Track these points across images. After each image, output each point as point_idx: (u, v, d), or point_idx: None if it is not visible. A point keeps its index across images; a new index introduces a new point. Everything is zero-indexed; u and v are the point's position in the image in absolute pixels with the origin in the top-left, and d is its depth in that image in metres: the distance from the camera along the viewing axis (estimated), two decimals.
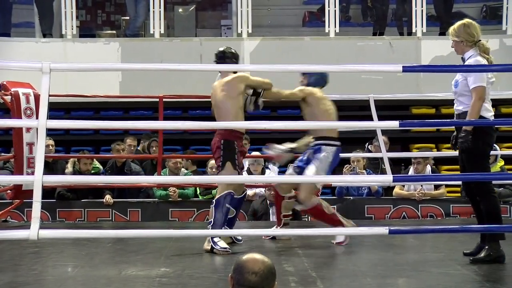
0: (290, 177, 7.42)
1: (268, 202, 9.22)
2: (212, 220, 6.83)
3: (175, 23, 14.51)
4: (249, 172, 9.58)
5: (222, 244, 6.76)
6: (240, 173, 7.02)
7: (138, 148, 10.77)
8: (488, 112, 6.26)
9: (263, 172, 9.71)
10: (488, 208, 6.21)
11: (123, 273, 5.92)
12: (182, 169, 9.78)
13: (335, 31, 13.29)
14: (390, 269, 6.08)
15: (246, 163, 9.92)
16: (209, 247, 6.78)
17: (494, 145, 9.65)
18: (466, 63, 6.25)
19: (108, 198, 9.50)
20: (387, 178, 6.05)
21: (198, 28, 14.63)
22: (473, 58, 6.24)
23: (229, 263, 5.99)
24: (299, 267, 6.13)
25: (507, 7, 13.37)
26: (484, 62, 6.21)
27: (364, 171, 9.62)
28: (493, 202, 6.23)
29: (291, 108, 12.55)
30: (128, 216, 9.47)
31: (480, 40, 6.32)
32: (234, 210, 6.95)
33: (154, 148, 10.29)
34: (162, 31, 13.26)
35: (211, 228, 6.77)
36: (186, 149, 12.81)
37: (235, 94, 7.03)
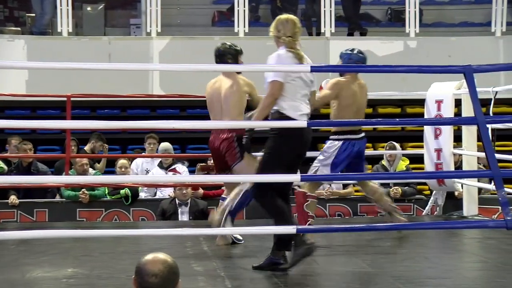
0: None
1: (177, 202, 9.19)
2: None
3: (84, 21, 14.32)
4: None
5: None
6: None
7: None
8: (296, 110, 5.88)
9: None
10: (269, 211, 5.98)
11: (28, 276, 5.82)
12: (90, 169, 9.67)
13: (244, 31, 13.35)
14: (296, 268, 6.13)
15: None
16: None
17: (395, 143, 9.89)
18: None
19: (13, 198, 9.30)
20: (295, 177, 6.09)
21: (107, 27, 14.48)
22: (275, 53, 5.98)
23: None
24: (208, 267, 6.14)
25: (409, 11, 13.67)
26: (288, 56, 5.92)
27: None
28: (270, 204, 5.93)
29: (200, 108, 12.56)
30: (34, 216, 9.32)
31: (290, 36, 5.97)
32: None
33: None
34: (71, 30, 13.08)
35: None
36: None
37: (243, 93, 7.16)
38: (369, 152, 11.60)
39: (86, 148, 10.54)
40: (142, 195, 9.70)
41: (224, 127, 6.97)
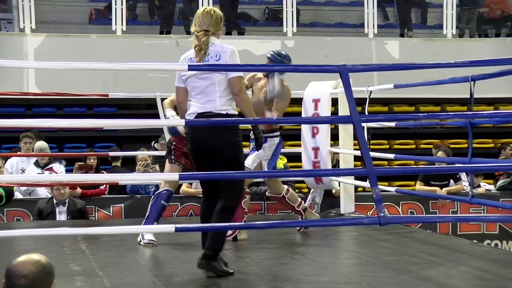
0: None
1: (54, 201, 9.02)
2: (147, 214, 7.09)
3: None
4: None
5: (148, 236, 7.01)
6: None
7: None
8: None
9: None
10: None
11: None
12: None
13: (122, 29, 13.24)
14: (177, 266, 6.12)
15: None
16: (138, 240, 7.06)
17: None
18: None
19: None
20: (173, 176, 6.08)
21: None
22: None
23: None
24: (86, 266, 6.06)
25: (286, 10, 13.85)
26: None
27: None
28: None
29: (77, 106, 12.39)
30: None
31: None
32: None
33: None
34: None
35: (145, 223, 6.99)
36: None
37: None
38: (246, 150, 11.71)
39: None
40: (18, 195, 9.49)
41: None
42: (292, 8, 13.87)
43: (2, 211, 9.12)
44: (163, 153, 9.46)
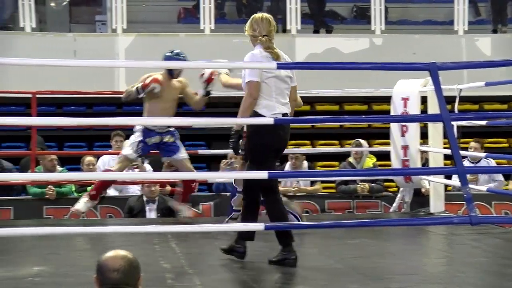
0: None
1: (144, 199, 9.13)
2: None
3: (47, 17, 14.22)
4: None
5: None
6: None
7: None
8: (270, 110, 5.87)
9: None
10: (269, 210, 6.09)
11: None
12: (57, 166, 9.59)
13: (210, 28, 13.34)
14: (264, 263, 6.14)
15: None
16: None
17: (361, 140, 9.94)
18: None
19: None
20: (262, 174, 6.09)
21: (72, 23, 14.39)
22: (250, 52, 6.01)
23: None
24: (175, 264, 6.13)
25: (374, 8, 13.74)
26: (262, 56, 5.93)
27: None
28: (272, 204, 6.06)
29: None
30: None
31: (266, 35, 5.97)
32: None
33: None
34: (34, 25, 12.98)
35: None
36: (61, 146, 12.64)
37: None
38: (336, 149, 11.67)
39: None
40: (110, 192, 9.65)
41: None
42: (380, 5, 13.75)
43: (96, 208, 9.28)
44: None
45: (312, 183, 9.91)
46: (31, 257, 6.38)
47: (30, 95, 9.22)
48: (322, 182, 10.02)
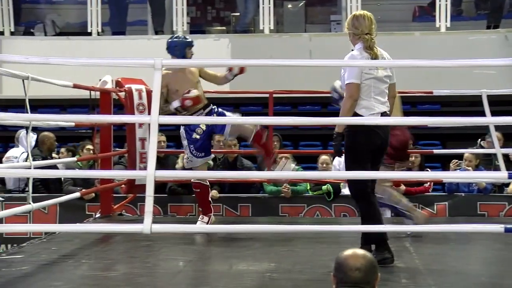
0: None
1: None
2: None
3: (284, 19, 14.55)
4: None
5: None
6: None
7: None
8: (369, 110, 5.84)
9: None
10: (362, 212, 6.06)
11: (234, 268, 5.98)
12: (292, 165, 9.75)
13: (446, 25, 13.10)
14: (506, 269, 5.94)
15: None
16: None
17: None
18: None
19: (214, 192, 9.49)
20: (501, 175, 5.90)
21: (307, 24, 14.64)
22: (349, 53, 5.95)
23: None
24: (409, 263, 6.08)
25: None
26: (362, 57, 5.88)
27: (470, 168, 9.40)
28: (365, 206, 6.01)
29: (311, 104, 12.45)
30: (238, 211, 9.52)
31: (368, 33, 5.94)
32: None
33: None
34: (272, 27, 13.32)
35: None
36: (297, 144, 12.86)
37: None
38: None
39: None
40: (344, 191, 9.70)
41: None
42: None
43: (331, 207, 9.37)
44: (490, 151, 9.26)
45: None
46: (269, 254, 6.54)
47: (267, 95, 9.45)
48: None
